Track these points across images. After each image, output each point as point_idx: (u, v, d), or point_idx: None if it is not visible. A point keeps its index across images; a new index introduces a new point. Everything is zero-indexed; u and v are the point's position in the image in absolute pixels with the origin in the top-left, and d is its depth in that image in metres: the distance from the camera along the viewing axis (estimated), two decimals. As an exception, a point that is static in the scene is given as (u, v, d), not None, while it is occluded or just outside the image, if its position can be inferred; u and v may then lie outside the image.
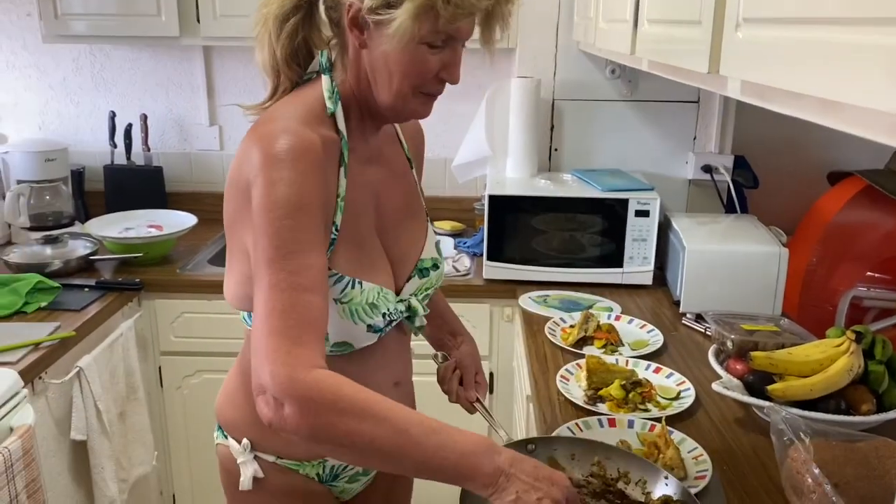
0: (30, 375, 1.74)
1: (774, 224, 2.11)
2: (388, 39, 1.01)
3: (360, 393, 0.93)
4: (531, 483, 0.92)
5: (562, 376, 1.61)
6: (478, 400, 1.38)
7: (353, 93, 1.11)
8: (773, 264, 1.92)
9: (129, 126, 2.71)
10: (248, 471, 1.20)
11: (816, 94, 0.68)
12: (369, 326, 1.12)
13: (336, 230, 1.08)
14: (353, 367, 1.09)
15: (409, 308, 1.19)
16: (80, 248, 2.37)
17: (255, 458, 1.21)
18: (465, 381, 1.40)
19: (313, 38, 1.12)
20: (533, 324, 1.96)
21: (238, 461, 1.21)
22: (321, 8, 1.09)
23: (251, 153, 1.01)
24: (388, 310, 1.13)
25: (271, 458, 1.21)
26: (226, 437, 1.24)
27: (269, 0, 1.10)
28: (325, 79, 1.11)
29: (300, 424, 0.90)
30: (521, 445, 1.12)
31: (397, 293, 1.19)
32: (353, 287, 1.09)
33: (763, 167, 2.49)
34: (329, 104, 1.10)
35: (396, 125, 1.28)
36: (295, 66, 1.13)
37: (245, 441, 1.20)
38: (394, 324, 1.18)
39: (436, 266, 1.25)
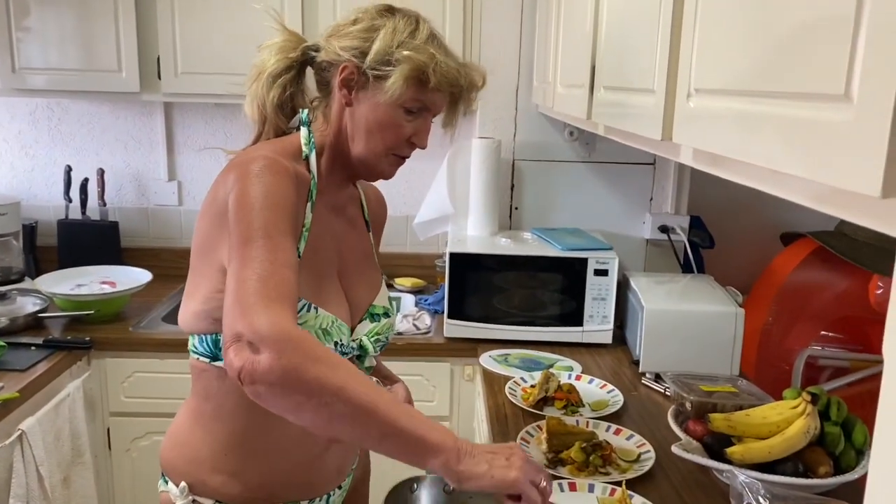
0: (-32, 440, 1.66)
1: (730, 283, 2.15)
2: (379, 96, 1.14)
3: (335, 354, 0.98)
4: (492, 451, 0.99)
5: (522, 438, 1.59)
6: None
7: (331, 145, 1.22)
8: (729, 324, 1.94)
9: (86, 180, 2.67)
10: None
11: (760, 164, 0.70)
12: None
13: (299, 256, 1.13)
14: None
15: (361, 347, 1.23)
16: (28, 305, 2.30)
17: (194, 502, 1.20)
18: None
19: (298, 96, 1.25)
20: (493, 383, 1.94)
21: None
22: (311, 69, 1.23)
23: (228, 177, 1.07)
24: (342, 341, 1.17)
25: (209, 503, 1.20)
26: (167, 482, 1.23)
27: (266, 58, 1.22)
28: (303, 130, 1.22)
29: (273, 365, 0.89)
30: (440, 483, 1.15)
31: (350, 332, 1.23)
32: (308, 311, 1.13)
33: (718, 228, 2.54)
34: (305, 149, 1.20)
35: (361, 192, 1.37)
36: (281, 116, 1.24)
37: (183, 484, 1.19)
38: (345, 357, 1.19)
39: (387, 314, 1.31)
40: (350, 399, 0.92)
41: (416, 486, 1.11)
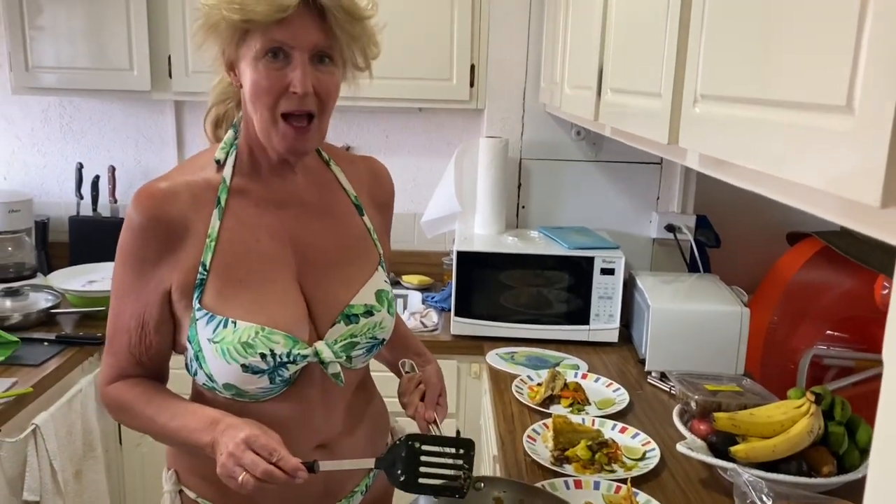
0: (-17, 434, 1.69)
1: (735, 283, 2.16)
2: (242, 60, 1.09)
3: (131, 396, 1.17)
4: (231, 449, 1.02)
5: (529, 436, 1.61)
6: (435, 422, 1.25)
7: (249, 140, 1.17)
8: (735, 324, 1.96)
9: (97, 178, 2.70)
10: (167, 501, 1.23)
11: (766, 171, 0.71)
12: (245, 367, 1.08)
13: (205, 269, 1.11)
14: (266, 420, 1.09)
15: (317, 354, 1.13)
16: (41, 302, 2.33)
17: (181, 492, 1.23)
18: (427, 398, 1.27)
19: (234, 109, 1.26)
20: (500, 381, 1.96)
21: (163, 490, 1.24)
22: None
23: None
24: (273, 351, 1.09)
25: (192, 495, 1.22)
26: (168, 469, 1.27)
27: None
28: (230, 132, 1.20)
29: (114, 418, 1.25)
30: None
31: (320, 338, 1.16)
32: (225, 326, 1.09)
33: (724, 227, 2.55)
34: (219, 153, 1.18)
35: (340, 173, 1.27)
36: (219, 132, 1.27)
37: (172, 471, 1.24)
38: (292, 368, 1.11)
39: (369, 313, 1.19)
40: (148, 433, 1.18)
41: (481, 484, 1.18)
